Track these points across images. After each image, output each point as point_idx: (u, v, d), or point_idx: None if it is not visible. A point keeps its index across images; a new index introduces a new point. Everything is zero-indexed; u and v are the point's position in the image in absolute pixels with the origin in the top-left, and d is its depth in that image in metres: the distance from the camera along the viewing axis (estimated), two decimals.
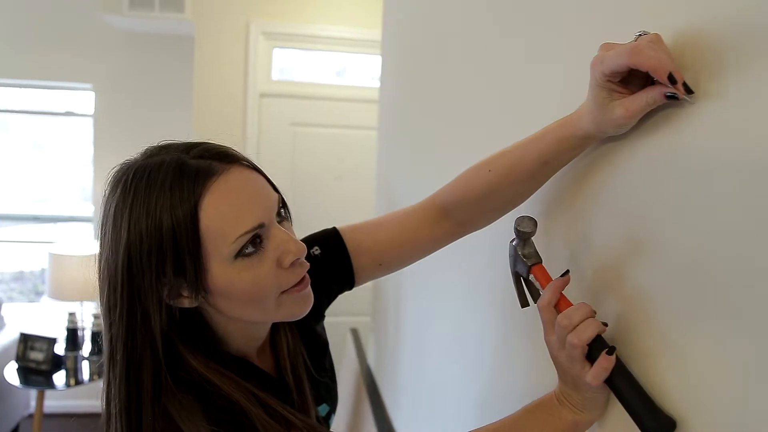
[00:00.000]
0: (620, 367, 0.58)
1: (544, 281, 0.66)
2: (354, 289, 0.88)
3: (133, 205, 0.61)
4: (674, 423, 0.53)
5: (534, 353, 0.83)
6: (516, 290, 0.73)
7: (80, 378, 2.96)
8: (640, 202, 0.60)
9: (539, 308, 0.65)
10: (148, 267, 0.61)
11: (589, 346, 0.59)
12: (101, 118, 3.58)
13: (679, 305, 0.54)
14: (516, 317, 0.88)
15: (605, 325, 0.60)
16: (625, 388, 0.57)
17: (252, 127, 3.26)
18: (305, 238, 0.84)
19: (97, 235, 0.67)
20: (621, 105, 0.57)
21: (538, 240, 0.70)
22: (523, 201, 0.79)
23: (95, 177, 3.63)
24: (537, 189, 0.76)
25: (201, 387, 0.65)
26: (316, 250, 0.82)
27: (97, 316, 3.00)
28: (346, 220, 0.89)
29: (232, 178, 0.63)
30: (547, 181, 0.75)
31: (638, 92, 0.56)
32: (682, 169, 0.54)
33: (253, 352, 0.76)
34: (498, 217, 0.82)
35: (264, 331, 0.76)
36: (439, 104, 1.33)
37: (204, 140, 0.67)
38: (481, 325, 1.05)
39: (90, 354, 3.04)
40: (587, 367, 0.59)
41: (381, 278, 2.05)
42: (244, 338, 0.73)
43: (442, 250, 0.88)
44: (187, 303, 0.65)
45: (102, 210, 0.65)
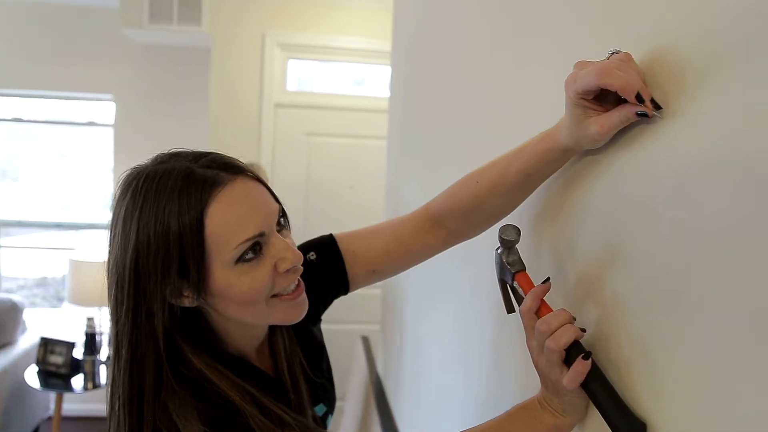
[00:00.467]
0: (595, 372, 0.59)
1: (527, 288, 0.68)
2: (365, 298, 0.91)
3: (143, 208, 0.65)
4: (644, 426, 0.55)
5: (528, 357, 0.84)
6: (502, 297, 0.74)
7: (98, 382, 3.03)
8: (615, 213, 0.62)
9: (521, 314, 0.66)
10: (155, 268, 0.64)
11: (567, 351, 0.61)
12: (121, 128, 3.68)
13: (653, 313, 0.55)
14: (511, 322, 0.89)
15: (583, 330, 0.62)
16: (599, 392, 0.58)
17: (267, 136, 3.31)
18: (303, 243, 0.87)
19: (107, 235, 0.70)
20: (596, 122, 0.59)
21: (525, 249, 0.72)
22: (508, 212, 0.81)
23: (115, 185, 3.69)
24: (521, 201, 0.78)
25: (199, 384, 0.68)
26: (312, 255, 0.86)
27: None
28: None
29: (236, 189, 0.66)
30: (534, 193, 0.77)
31: (612, 110, 0.58)
32: (652, 180, 0.55)
33: (252, 352, 0.79)
34: (487, 227, 0.84)
35: (261, 331, 0.80)
36: (446, 113, 1.35)
37: (212, 150, 0.71)
38: (479, 329, 1.06)
39: (107, 359, 3.09)
40: (565, 371, 0.61)
41: (389, 286, 2.07)
42: (242, 338, 0.76)
43: (443, 255, 0.90)
44: (187, 303, 0.68)
45: (113, 211, 0.69)
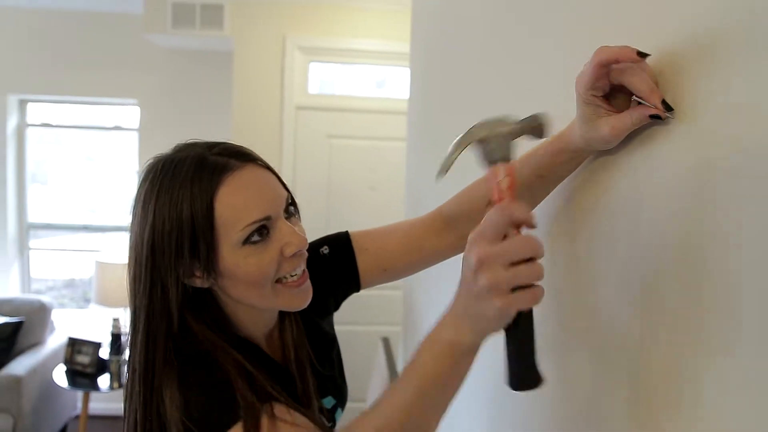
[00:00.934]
0: (527, 316, 0.56)
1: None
2: (386, 299, 0.91)
3: (160, 192, 0.70)
4: (542, 380, 0.56)
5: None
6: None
7: (123, 381, 3.07)
8: (636, 211, 0.61)
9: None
10: (169, 247, 0.69)
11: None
12: (146, 132, 3.74)
13: (646, 318, 0.54)
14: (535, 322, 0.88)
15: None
16: (521, 333, 0.56)
17: (288, 138, 3.34)
18: (318, 239, 0.89)
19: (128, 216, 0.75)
20: (608, 123, 0.59)
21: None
22: None
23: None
24: (536, 204, 0.77)
25: (198, 357, 0.69)
26: (325, 249, 0.88)
27: None
28: None
29: (245, 174, 0.71)
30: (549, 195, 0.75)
31: (624, 112, 0.57)
32: (658, 184, 0.54)
33: (262, 338, 0.81)
34: None
35: (270, 318, 0.81)
36: (464, 114, 1.34)
37: (225, 140, 0.75)
38: (502, 330, 1.05)
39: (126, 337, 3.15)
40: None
41: (412, 288, 2.07)
42: (251, 323, 0.79)
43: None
44: (199, 283, 0.72)
45: (135, 194, 0.73)
